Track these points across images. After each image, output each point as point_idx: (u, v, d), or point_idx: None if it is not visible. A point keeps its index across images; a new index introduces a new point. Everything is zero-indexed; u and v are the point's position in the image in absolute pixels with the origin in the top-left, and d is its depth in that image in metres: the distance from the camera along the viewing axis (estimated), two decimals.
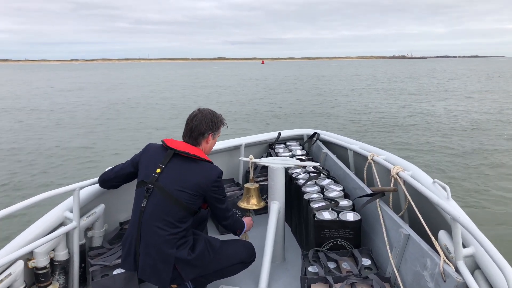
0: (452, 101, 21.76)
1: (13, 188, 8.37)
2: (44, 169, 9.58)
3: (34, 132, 14.27)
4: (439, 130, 13.43)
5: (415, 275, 2.20)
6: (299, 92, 29.21)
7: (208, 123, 2.51)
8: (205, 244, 2.48)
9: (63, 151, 11.38)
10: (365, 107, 19.86)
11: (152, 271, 2.35)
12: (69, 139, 12.91)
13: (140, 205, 2.37)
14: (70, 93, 31.02)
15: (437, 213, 2.48)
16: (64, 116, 18.15)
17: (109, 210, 3.06)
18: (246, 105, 21.82)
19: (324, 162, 4.12)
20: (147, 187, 2.37)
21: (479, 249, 1.98)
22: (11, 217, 6.27)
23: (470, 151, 10.39)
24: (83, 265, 2.80)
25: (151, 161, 2.45)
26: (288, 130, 4.86)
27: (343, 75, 57.26)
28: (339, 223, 2.71)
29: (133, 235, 2.39)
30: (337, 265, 2.58)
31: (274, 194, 3.05)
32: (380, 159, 3.18)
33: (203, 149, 2.54)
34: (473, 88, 30.43)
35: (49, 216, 2.64)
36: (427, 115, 17.00)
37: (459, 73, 57.81)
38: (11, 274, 2.26)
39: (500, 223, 5.99)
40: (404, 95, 25.76)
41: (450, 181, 7.84)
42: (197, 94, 29.72)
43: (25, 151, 11.47)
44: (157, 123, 16.04)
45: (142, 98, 26.07)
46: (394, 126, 14.35)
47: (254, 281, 2.85)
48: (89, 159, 10.48)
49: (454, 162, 9.42)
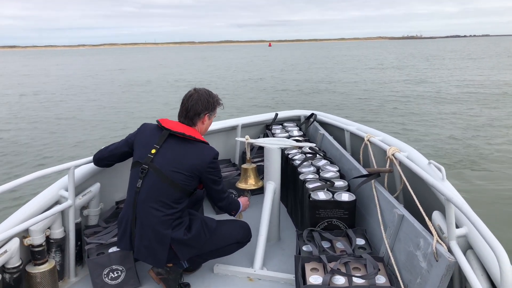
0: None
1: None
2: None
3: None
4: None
5: (408, 255, 2.22)
6: (305, 73, 29.20)
7: (204, 103, 2.47)
8: (201, 225, 2.49)
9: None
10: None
11: (147, 251, 2.36)
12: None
13: (135, 186, 2.36)
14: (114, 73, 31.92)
15: (432, 194, 2.49)
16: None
17: (104, 189, 3.06)
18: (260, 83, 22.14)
19: (320, 143, 4.12)
20: (142, 167, 2.36)
21: (472, 229, 1.99)
22: (7, 194, 6.30)
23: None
24: (79, 243, 2.82)
25: (146, 142, 2.43)
26: (285, 111, 4.84)
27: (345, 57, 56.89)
28: (334, 203, 2.72)
29: (128, 215, 2.39)
30: (331, 245, 2.60)
31: (270, 175, 3.06)
32: (376, 140, 3.18)
33: (199, 129, 2.51)
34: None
35: (44, 194, 2.64)
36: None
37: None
38: (7, 251, 2.28)
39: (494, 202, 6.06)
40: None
41: (445, 162, 7.89)
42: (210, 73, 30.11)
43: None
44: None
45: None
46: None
47: (249, 260, 2.88)
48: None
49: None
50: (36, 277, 2.48)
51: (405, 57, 50.36)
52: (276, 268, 2.82)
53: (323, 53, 78.92)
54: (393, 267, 2.27)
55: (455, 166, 7.74)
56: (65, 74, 34.95)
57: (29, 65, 54.55)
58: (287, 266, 2.84)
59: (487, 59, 41.08)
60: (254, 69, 36.13)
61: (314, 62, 44.51)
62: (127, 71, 36.90)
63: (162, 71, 36.87)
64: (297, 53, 77.98)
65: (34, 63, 62.82)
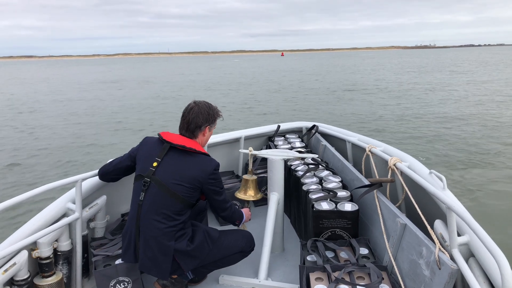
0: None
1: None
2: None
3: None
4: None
5: (411, 263, 2.25)
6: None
7: (205, 116, 2.53)
8: (204, 235, 2.52)
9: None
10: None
11: (152, 263, 2.39)
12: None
13: (138, 199, 2.41)
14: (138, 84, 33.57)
15: (433, 203, 2.53)
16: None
17: (111, 202, 3.10)
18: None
19: (322, 154, 4.16)
20: (144, 180, 2.40)
21: (474, 237, 2.03)
22: (15, 208, 6.36)
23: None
24: (85, 255, 2.85)
25: (148, 155, 2.48)
26: (287, 123, 4.90)
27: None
28: (337, 213, 2.76)
29: (132, 228, 2.43)
30: (335, 254, 2.62)
31: (273, 186, 3.10)
32: (377, 150, 3.23)
33: (200, 141, 2.56)
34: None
35: (52, 207, 2.68)
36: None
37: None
38: (16, 263, 2.31)
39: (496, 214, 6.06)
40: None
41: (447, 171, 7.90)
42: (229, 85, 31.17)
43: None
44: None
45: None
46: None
47: (254, 271, 2.91)
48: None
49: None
50: None
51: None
52: (280, 279, 2.84)
53: (354, 61, 77.71)
54: (396, 276, 2.29)
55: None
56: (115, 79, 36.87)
57: (59, 73, 57.65)
58: (292, 276, 2.86)
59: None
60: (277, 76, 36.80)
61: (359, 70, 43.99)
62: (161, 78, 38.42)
63: (191, 78, 38.73)
64: (324, 62, 77.45)
65: (62, 71, 65.69)
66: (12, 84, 38.44)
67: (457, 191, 6.85)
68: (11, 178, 8.63)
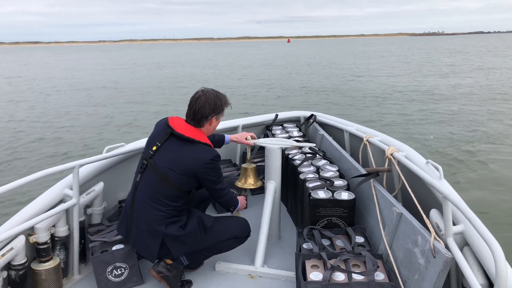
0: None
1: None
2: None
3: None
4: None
5: (406, 252, 2.26)
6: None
7: (212, 106, 2.47)
8: (198, 222, 2.53)
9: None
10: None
11: (141, 244, 2.45)
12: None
13: (135, 179, 2.48)
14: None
15: (430, 193, 2.54)
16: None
17: (108, 188, 3.10)
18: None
19: (320, 143, 4.16)
20: (142, 162, 2.45)
21: (469, 226, 2.04)
22: (12, 193, 6.37)
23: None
24: (82, 241, 2.86)
25: (153, 138, 2.52)
26: (285, 112, 4.89)
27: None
28: (334, 202, 2.77)
29: (128, 205, 2.51)
30: (331, 242, 2.64)
31: (270, 174, 3.10)
32: (375, 140, 3.23)
33: (206, 130, 2.55)
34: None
35: (49, 193, 2.68)
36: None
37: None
38: (13, 248, 2.32)
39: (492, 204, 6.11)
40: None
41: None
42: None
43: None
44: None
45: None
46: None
47: (250, 258, 2.93)
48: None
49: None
50: (41, 274, 2.52)
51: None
52: (276, 266, 2.86)
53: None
54: (391, 264, 2.31)
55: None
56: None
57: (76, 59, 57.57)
58: (288, 264, 2.88)
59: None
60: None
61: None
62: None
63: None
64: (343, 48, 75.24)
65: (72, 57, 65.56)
66: (59, 68, 38.69)
67: (454, 180, 6.89)
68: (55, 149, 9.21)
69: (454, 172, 7.50)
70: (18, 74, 32.19)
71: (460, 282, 2.09)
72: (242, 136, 3.14)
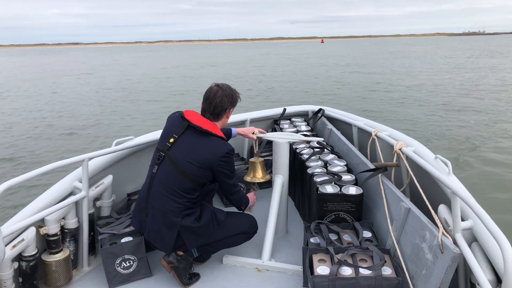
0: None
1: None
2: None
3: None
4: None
5: (414, 247, 2.26)
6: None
7: (229, 99, 2.58)
8: (212, 216, 2.59)
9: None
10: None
11: (157, 236, 2.48)
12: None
13: (152, 171, 2.51)
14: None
15: (438, 188, 2.52)
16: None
17: (117, 181, 3.13)
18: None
19: (328, 138, 4.15)
20: (159, 154, 2.49)
21: (477, 222, 2.03)
22: (23, 185, 6.45)
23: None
24: (92, 233, 2.90)
25: (169, 130, 2.55)
26: (293, 106, 4.88)
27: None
28: (342, 197, 2.77)
29: (143, 197, 2.53)
30: (338, 237, 2.64)
31: (278, 168, 3.11)
32: (383, 135, 3.21)
33: (222, 123, 2.62)
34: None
35: (59, 185, 2.71)
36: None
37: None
38: (24, 239, 2.36)
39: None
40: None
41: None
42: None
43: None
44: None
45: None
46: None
47: (257, 252, 2.94)
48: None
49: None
50: (51, 265, 2.56)
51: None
52: (284, 260, 2.87)
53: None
54: (399, 259, 2.31)
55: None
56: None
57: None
58: (295, 258, 2.89)
59: None
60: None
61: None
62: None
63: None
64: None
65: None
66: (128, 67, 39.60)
67: (463, 175, 6.82)
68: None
69: (461, 166, 7.42)
70: (88, 71, 33.86)
71: (468, 278, 2.07)
72: (249, 130, 3.16)
